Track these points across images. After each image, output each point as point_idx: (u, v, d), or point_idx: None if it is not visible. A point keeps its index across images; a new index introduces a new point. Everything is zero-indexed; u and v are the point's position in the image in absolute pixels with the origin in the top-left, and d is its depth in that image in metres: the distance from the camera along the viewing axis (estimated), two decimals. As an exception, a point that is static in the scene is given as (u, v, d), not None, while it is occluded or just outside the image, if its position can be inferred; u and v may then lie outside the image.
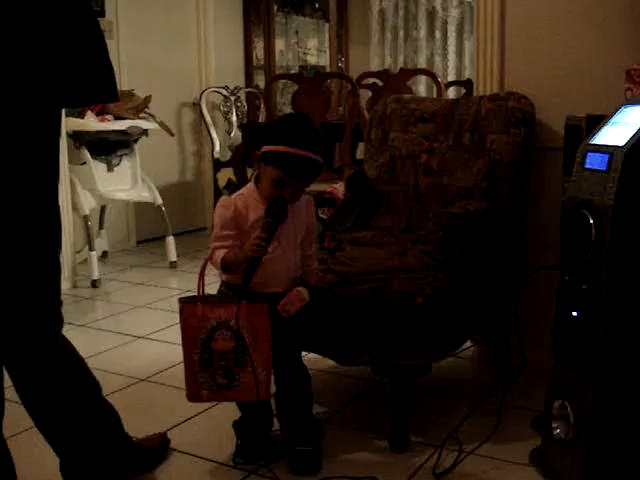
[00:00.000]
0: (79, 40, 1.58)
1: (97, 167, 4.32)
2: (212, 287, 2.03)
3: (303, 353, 2.73)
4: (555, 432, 1.89)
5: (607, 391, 1.76)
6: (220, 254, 1.94)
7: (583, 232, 1.74)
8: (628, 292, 1.72)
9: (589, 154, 1.80)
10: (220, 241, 1.96)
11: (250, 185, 2.02)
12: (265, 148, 1.94)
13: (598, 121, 1.87)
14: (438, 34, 6.35)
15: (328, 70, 6.65)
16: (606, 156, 1.72)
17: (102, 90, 1.66)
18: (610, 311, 1.72)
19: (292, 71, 6.56)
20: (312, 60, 6.94)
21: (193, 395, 2.00)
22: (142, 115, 4.51)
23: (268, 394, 1.99)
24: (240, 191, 2.02)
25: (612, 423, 1.78)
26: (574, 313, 1.80)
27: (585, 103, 2.26)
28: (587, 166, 1.79)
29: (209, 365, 1.94)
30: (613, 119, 1.83)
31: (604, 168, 1.71)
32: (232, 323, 1.90)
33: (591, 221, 1.71)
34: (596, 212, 1.71)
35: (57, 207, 1.69)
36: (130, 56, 5.18)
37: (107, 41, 1.66)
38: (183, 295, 2.12)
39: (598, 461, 1.79)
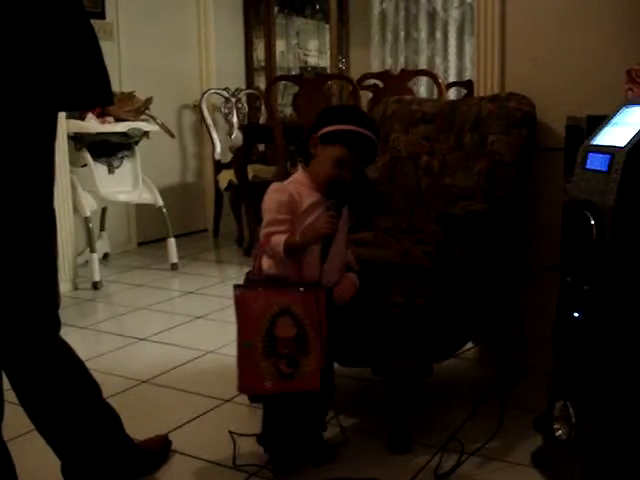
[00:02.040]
0: (73, 44, 1.58)
1: (98, 169, 4.32)
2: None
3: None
4: (557, 433, 1.88)
5: (609, 392, 1.76)
6: (279, 238, 1.87)
7: (584, 233, 1.73)
8: (630, 293, 1.72)
9: (590, 154, 1.80)
10: (276, 226, 1.89)
11: (299, 173, 1.99)
12: (327, 128, 1.93)
13: (599, 122, 1.87)
14: (439, 35, 6.35)
15: (329, 71, 6.65)
16: (607, 157, 1.72)
17: (97, 94, 1.66)
18: (612, 312, 1.72)
19: (293, 72, 6.56)
20: (313, 61, 6.94)
21: (253, 387, 1.95)
22: (143, 117, 4.51)
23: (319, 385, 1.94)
24: (289, 179, 1.99)
25: (614, 424, 1.77)
26: (575, 314, 1.80)
27: (586, 104, 2.25)
28: (588, 167, 1.79)
29: (273, 353, 1.88)
30: (614, 119, 1.83)
31: (605, 169, 1.71)
32: (293, 309, 1.86)
33: (592, 222, 1.71)
34: (597, 213, 1.71)
35: (52, 210, 1.69)
36: (131, 58, 5.18)
37: (107, 43, 1.66)
38: (183, 296, 2.11)
39: (600, 462, 1.79)
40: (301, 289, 1.87)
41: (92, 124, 4.23)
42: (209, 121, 5.89)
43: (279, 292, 1.88)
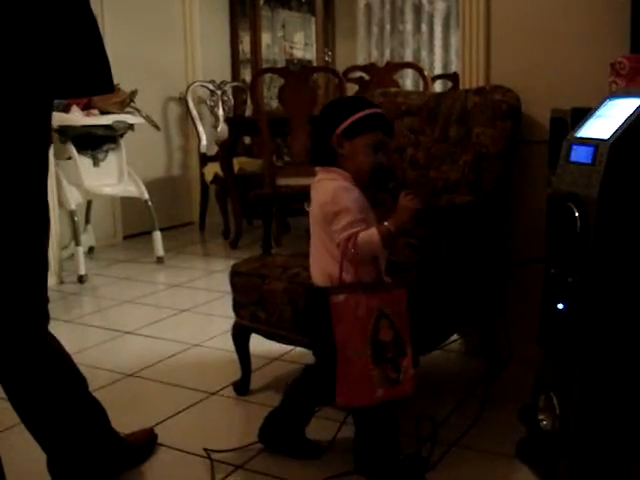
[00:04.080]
0: (74, 30, 1.57)
1: (83, 162, 4.30)
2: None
3: (289, 347, 2.76)
4: (541, 424, 1.89)
5: (593, 383, 1.77)
6: (367, 233, 1.78)
7: (569, 225, 1.74)
8: (614, 284, 1.73)
9: (574, 147, 1.80)
10: (358, 225, 1.79)
11: (335, 173, 1.88)
12: (347, 122, 1.85)
13: (583, 114, 1.88)
14: (424, 28, 6.36)
15: (315, 64, 6.64)
16: (591, 149, 1.72)
17: (97, 80, 1.65)
18: (596, 303, 1.73)
19: (279, 65, 6.54)
20: (299, 54, 6.92)
21: (365, 398, 1.82)
22: (128, 110, 4.49)
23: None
24: (331, 179, 1.88)
25: (598, 415, 1.79)
26: (560, 305, 1.81)
27: (570, 96, 2.26)
28: (572, 159, 1.80)
29: (382, 360, 1.80)
30: (598, 112, 1.84)
31: (589, 161, 1.72)
32: (387, 311, 1.81)
33: (576, 214, 1.72)
34: (581, 205, 1.71)
35: (46, 202, 1.68)
36: (116, 50, 5.06)
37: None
38: (168, 289, 2.09)
39: (584, 453, 1.80)
40: (390, 290, 1.84)
41: (77, 117, 4.21)
42: (195, 114, 5.87)
43: (374, 296, 1.80)
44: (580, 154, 1.77)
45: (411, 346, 1.84)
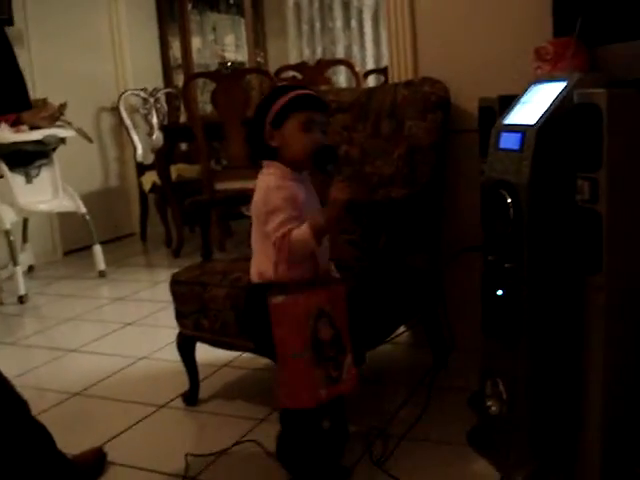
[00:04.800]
0: None
1: (15, 179, 4.20)
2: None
3: (236, 353, 2.73)
4: (490, 410, 1.91)
5: (537, 365, 1.79)
6: (300, 230, 1.72)
7: (502, 211, 1.76)
8: (549, 267, 1.75)
9: (502, 134, 1.82)
10: (292, 222, 1.73)
11: (274, 167, 1.81)
12: (273, 111, 1.79)
13: (510, 101, 1.90)
14: (354, 23, 6.39)
15: (247, 66, 6.61)
16: (519, 135, 1.74)
17: (14, 99, 1.61)
18: (533, 287, 1.75)
19: (212, 69, 6.50)
20: (231, 56, 6.88)
21: (308, 399, 1.78)
22: (58, 123, 4.40)
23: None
24: (267, 174, 1.82)
25: (544, 397, 1.81)
26: (499, 292, 1.83)
27: (498, 84, 2.27)
28: (501, 146, 1.82)
29: (323, 359, 1.76)
30: (523, 98, 1.86)
31: (517, 147, 1.74)
32: (327, 309, 1.76)
33: (508, 200, 1.74)
34: (513, 191, 1.73)
35: None
36: (43, 64, 5.05)
37: (17, 50, 1.61)
38: (112, 303, 2.05)
39: (533, 434, 1.82)
40: (328, 286, 1.79)
41: (5, 134, 4.11)
42: (128, 123, 5.79)
43: (313, 294, 1.76)
44: (508, 141, 1.78)
45: (351, 343, 1.81)
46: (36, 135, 4.23)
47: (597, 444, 1.76)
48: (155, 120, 6.03)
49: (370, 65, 6.30)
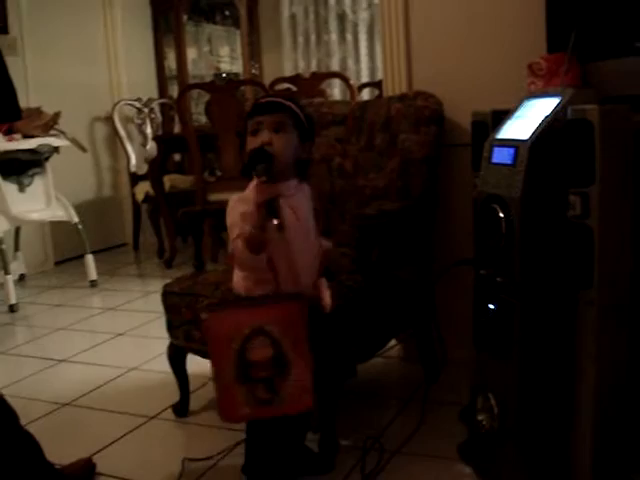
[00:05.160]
0: None
1: (8, 188, 4.20)
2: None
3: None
4: (481, 424, 1.91)
5: (528, 380, 1.79)
6: (238, 241, 1.70)
7: (494, 226, 1.76)
8: (541, 282, 1.75)
9: (495, 148, 1.83)
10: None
11: (254, 180, 1.80)
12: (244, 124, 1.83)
13: (503, 116, 1.91)
14: (349, 37, 6.40)
15: (242, 77, 6.62)
16: (512, 150, 1.75)
17: (4, 110, 1.61)
18: (525, 302, 1.75)
19: (206, 80, 6.50)
20: (226, 68, 6.89)
21: (229, 414, 1.78)
22: (52, 132, 4.40)
23: (312, 402, 1.78)
24: (248, 189, 1.82)
25: (535, 412, 1.81)
26: (491, 306, 1.83)
27: (491, 99, 2.28)
28: (494, 160, 1.82)
29: (248, 379, 1.72)
30: (517, 113, 1.87)
31: (510, 162, 1.74)
32: (269, 328, 1.70)
33: (501, 214, 1.74)
34: (505, 205, 1.74)
35: None
36: (37, 72, 5.05)
37: (11, 58, 1.61)
38: (103, 313, 2.04)
39: (524, 450, 1.82)
40: (278, 303, 1.73)
41: (-1, 142, 4.11)
42: (122, 133, 5.80)
43: (251, 311, 1.73)
44: (501, 155, 1.79)
45: (307, 363, 1.73)
46: (29, 144, 4.24)
47: (589, 459, 1.77)
48: (149, 130, 6.04)
49: (365, 78, 6.31)
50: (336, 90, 6.30)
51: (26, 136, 4.25)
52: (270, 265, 1.75)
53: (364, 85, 6.00)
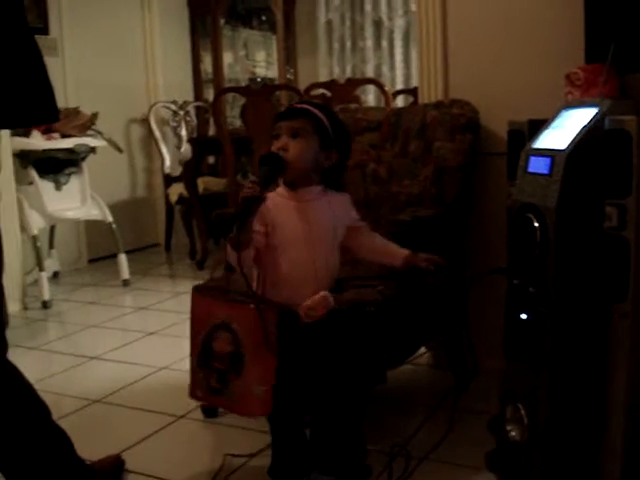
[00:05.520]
0: (16, 60, 1.55)
1: (45, 186, 4.26)
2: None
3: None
4: (509, 435, 1.90)
5: (559, 392, 1.78)
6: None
7: (528, 235, 1.75)
8: (574, 293, 1.74)
9: (531, 158, 1.82)
10: (254, 237, 1.78)
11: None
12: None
13: (540, 125, 1.90)
14: (385, 43, 6.41)
15: (277, 82, 6.65)
16: (548, 159, 1.74)
17: (42, 110, 1.63)
18: (558, 312, 1.74)
19: (242, 84, 6.55)
20: (261, 72, 6.93)
21: (192, 392, 1.91)
22: (89, 132, 4.46)
23: (265, 411, 1.82)
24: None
25: (565, 423, 1.80)
26: (523, 316, 1.82)
27: (527, 108, 2.28)
28: (530, 170, 1.82)
29: (206, 365, 1.81)
30: (554, 123, 1.86)
31: (546, 171, 1.73)
32: (234, 326, 1.75)
33: (536, 224, 1.73)
34: (540, 215, 1.73)
35: None
36: (76, 73, 5.12)
37: (52, 58, 1.64)
38: (135, 312, 2.07)
39: (553, 462, 1.81)
40: (244, 304, 1.75)
41: (37, 141, 4.18)
42: (157, 134, 5.85)
43: (224, 305, 1.79)
44: (537, 165, 1.78)
45: (262, 373, 1.74)
46: (67, 143, 4.30)
47: (618, 472, 1.75)
48: (184, 133, 6.09)
49: (399, 85, 6.31)
50: (370, 96, 6.30)
51: (64, 135, 4.31)
52: (258, 266, 1.84)
53: (398, 92, 5.99)
